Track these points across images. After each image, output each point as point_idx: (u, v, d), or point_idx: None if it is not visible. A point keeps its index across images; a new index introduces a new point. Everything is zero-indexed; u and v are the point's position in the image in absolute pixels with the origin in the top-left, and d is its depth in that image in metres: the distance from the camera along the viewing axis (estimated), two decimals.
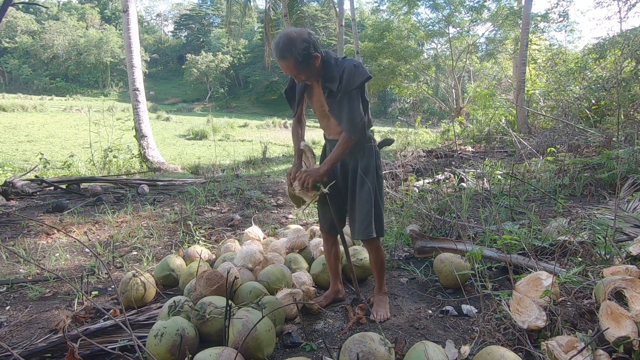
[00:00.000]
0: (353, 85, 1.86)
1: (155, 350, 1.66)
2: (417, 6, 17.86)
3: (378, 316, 2.09)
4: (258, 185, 6.14)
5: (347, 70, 1.86)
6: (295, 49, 1.77)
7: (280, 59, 1.82)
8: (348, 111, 1.89)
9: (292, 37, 1.78)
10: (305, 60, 1.81)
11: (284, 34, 1.81)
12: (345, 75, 1.86)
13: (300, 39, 1.79)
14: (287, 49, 1.78)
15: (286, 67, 1.85)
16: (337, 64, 1.91)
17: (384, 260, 2.22)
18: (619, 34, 10.38)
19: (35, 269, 2.92)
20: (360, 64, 1.90)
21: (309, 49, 1.80)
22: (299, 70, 1.85)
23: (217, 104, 46.54)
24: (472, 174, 5.27)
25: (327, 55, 1.94)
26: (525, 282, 1.87)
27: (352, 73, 1.86)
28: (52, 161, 8.57)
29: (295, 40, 1.78)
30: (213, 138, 19.85)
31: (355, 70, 1.86)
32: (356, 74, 1.85)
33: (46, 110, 27.88)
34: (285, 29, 1.86)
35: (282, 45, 1.78)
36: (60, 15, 52.02)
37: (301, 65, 1.82)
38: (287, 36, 1.79)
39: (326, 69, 1.92)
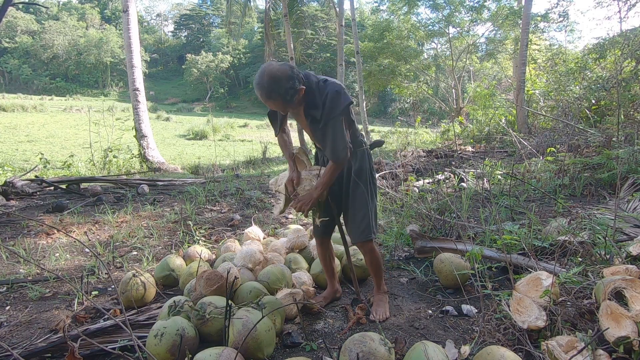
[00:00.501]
0: (336, 113, 1.82)
1: (155, 350, 1.66)
2: (417, 6, 17.86)
3: (377, 316, 2.10)
4: (258, 185, 6.14)
5: (329, 97, 1.82)
6: (281, 89, 1.71)
7: (266, 99, 1.75)
8: (332, 140, 1.86)
9: (277, 76, 1.70)
10: (292, 96, 1.75)
11: (267, 72, 1.71)
12: (328, 102, 1.82)
13: (285, 77, 1.71)
14: (273, 90, 1.71)
15: (273, 106, 1.80)
16: (319, 90, 1.85)
17: (380, 260, 2.22)
18: (619, 34, 10.37)
19: (35, 269, 2.92)
20: (342, 89, 1.85)
21: (295, 85, 1.74)
22: (285, 106, 1.81)
23: (217, 104, 46.55)
24: (472, 174, 5.27)
25: (309, 81, 1.86)
26: (525, 282, 1.87)
27: (334, 100, 1.81)
28: (52, 161, 8.57)
29: (280, 79, 1.70)
30: (213, 138, 19.86)
31: (336, 96, 1.82)
32: (338, 100, 1.81)
33: (46, 110, 27.90)
34: (266, 66, 1.75)
35: (267, 86, 1.71)
36: (60, 15, 52.03)
37: (289, 101, 1.77)
38: (270, 76, 1.70)
39: (309, 96, 1.86)
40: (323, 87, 1.85)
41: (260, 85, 1.72)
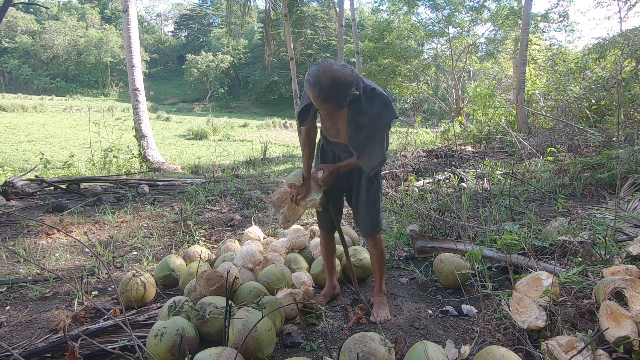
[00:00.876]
0: (381, 124, 1.81)
1: (155, 350, 1.66)
2: (417, 6, 17.86)
3: (379, 317, 2.11)
4: (258, 185, 6.14)
5: (377, 107, 1.79)
6: (341, 94, 1.63)
7: (322, 102, 1.64)
8: (371, 149, 1.87)
9: (341, 81, 1.61)
10: (347, 102, 1.67)
11: (330, 75, 1.60)
12: (376, 112, 1.79)
13: (347, 83, 1.62)
14: (333, 95, 1.62)
15: (325, 107, 1.69)
16: (366, 96, 1.79)
17: (385, 257, 2.26)
18: (619, 34, 10.37)
19: (35, 269, 2.92)
20: (390, 102, 1.82)
21: (354, 92, 1.67)
22: (336, 110, 1.72)
23: (217, 104, 46.55)
24: (472, 174, 5.27)
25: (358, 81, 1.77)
26: (525, 282, 1.87)
27: (382, 111, 1.79)
28: (52, 161, 8.57)
29: (343, 85, 1.62)
30: (213, 138, 19.86)
31: (385, 108, 1.80)
32: (386, 112, 1.80)
33: (46, 110, 27.90)
34: (327, 67, 1.63)
35: (328, 90, 1.61)
36: (60, 15, 52.03)
37: (342, 106, 1.68)
38: (334, 79, 1.60)
39: (355, 101, 1.77)
40: (370, 96, 1.80)
41: (319, 87, 1.61)
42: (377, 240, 2.18)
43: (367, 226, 2.14)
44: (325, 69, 1.63)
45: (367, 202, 2.10)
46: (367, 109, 1.79)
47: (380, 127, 1.83)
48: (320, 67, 1.64)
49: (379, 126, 1.82)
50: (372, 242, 2.19)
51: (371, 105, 1.79)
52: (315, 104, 1.70)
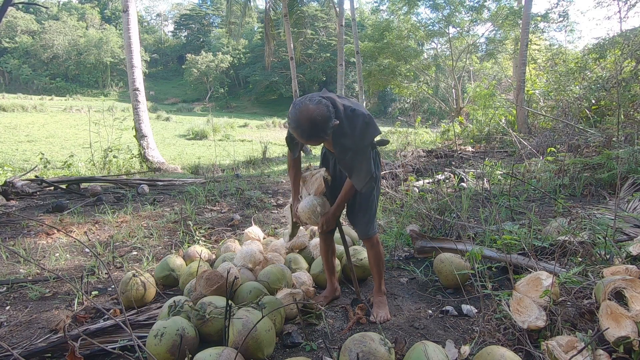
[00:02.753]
0: (365, 144, 1.88)
1: (155, 350, 1.66)
2: (417, 6, 17.86)
3: (379, 318, 2.11)
4: (258, 185, 6.14)
5: (359, 128, 1.85)
6: (322, 131, 1.70)
7: (306, 140, 1.75)
8: (358, 169, 1.91)
9: (317, 121, 1.68)
10: (329, 134, 1.75)
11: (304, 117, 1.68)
12: (358, 132, 1.85)
13: (325, 119, 1.69)
14: (313, 134, 1.71)
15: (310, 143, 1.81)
16: (347, 118, 1.84)
17: (383, 258, 2.26)
18: (619, 34, 10.37)
19: (35, 269, 2.92)
20: (371, 120, 1.88)
21: (332, 124, 1.72)
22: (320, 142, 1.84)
23: (217, 104, 46.53)
24: (472, 174, 5.27)
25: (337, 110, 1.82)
26: (526, 282, 1.87)
27: (364, 131, 1.85)
28: (52, 161, 8.57)
29: (320, 123, 1.69)
30: (213, 138, 19.86)
31: (366, 128, 1.86)
32: (368, 131, 1.87)
33: (46, 110, 27.88)
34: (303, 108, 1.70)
35: (309, 131, 1.69)
36: (60, 15, 51.99)
37: (325, 139, 1.77)
38: (309, 121, 1.68)
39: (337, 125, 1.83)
40: (351, 117, 1.86)
41: (300, 129, 1.70)
42: (374, 242, 2.18)
43: (362, 228, 2.16)
44: (302, 112, 1.70)
45: (362, 203, 2.11)
46: (348, 131, 1.85)
47: (364, 147, 1.89)
48: (298, 110, 1.71)
49: (362, 146, 1.88)
50: (369, 244, 2.20)
51: (353, 127, 1.85)
52: (301, 141, 1.84)
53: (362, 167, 1.91)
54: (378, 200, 2.18)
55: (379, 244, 2.22)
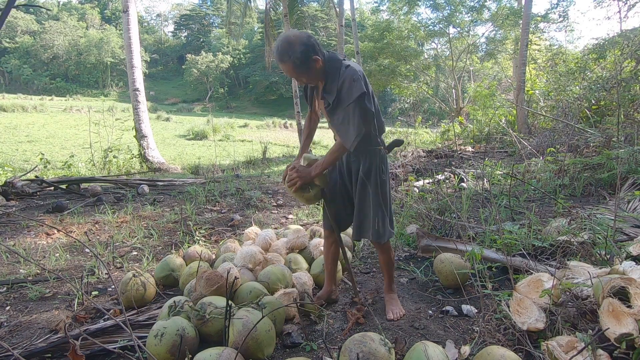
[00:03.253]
0: (349, 100, 1.81)
1: (155, 351, 1.66)
2: (418, 6, 17.87)
3: (393, 315, 2.12)
4: (258, 185, 6.14)
5: (346, 84, 1.81)
6: (293, 52, 1.76)
7: (279, 62, 1.81)
8: (343, 124, 1.86)
9: (291, 40, 1.77)
10: (303, 63, 1.79)
11: (283, 37, 1.80)
12: (343, 89, 1.82)
13: (299, 42, 1.77)
14: (285, 53, 1.77)
15: (286, 69, 1.84)
16: (339, 74, 1.85)
17: (392, 260, 2.23)
18: (618, 34, 10.38)
19: (35, 269, 2.92)
20: (359, 77, 1.82)
21: (308, 52, 1.78)
22: (298, 73, 1.84)
23: (217, 104, 46.54)
24: (472, 174, 5.27)
25: (331, 59, 1.87)
26: (526, 283, 1.87)
27: (349, 88, 1.81)
28: (52, 161, 8.57)
29: (293, 43, 1.76)
30: (213, 138, 19.86)
31: (352, 85, 1.80)
32: (353, 88, 1.80)
33: (46, 110, 27.89)
34: (286, 32, 1.83)
35: (280, 49, 1.78)
36: (61, 15, 52.01)
37: (300, 68, 1.80)
38: (285, 40, 1.78)
39: (328, 77, 1.88)
40: (343, 72, 1.84)
41: (275, 48, 1.80)
42: (382, 248, 2.14)
43: (355, 230, 2.10)
44: (281, 35, 1.82)
45: (358, 206, 2.07)
46: (335, 87, 1.85)
47: (350, 104, 1.81)
48: (280, 35, 1.83)
49: (346, 104, 1.82)
50: (380, 249, 2.16)
51: (341, 84, 1.83)
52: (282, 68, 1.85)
53: (350, 124, 1.82)
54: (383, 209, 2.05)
55: (390, 249, 2.18)
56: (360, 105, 1.82)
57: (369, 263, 2.99)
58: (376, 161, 2.04)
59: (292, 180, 1.95)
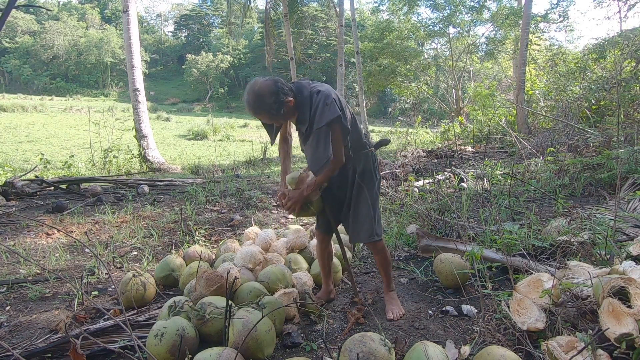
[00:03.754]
0: (320, 124, 1.82)
1: (155, 351, 1.66)
2: (418, 6, 17.87)
3: (393, 315, 2.12)
4: (258, 185, 6.14)
5: (319, 109, 1.82)
6: (265, 105, 1.78)
7: (254, 114, 1.85)
8: (314, 149, 1.86)
9: (260, 93, 1.78)
10: (277, 109, 1.81)
11: (251, 90, 1.81)
12: (316, 115, 1.83)
13: (268, 93, 1.77)
14: (258, 107, 1.80)
15: (262, 119, 1.90)
16: (310, 102, 1.86)
17: (389, 260, 2.24)
18: (618, 34, 10.38)
19: (35, 269, 2.92)
20: (332, 101, 1.82)
21: (279, 98, 1.79)
22: (275, 119, 1.89)
23: (217, 104, 46.52)
24: (472, 174, 5.27)
25: (299, 91, 1.88)
26: (526, 283, 1.87)
27: (321, 112, 1.81)
28: (52, 161, 8.57)
29: (263, 95, 1.78)
30: (213, 138, 19.86)
31: (324, 109, 1.81)
32: (325, 113, 1.81)
33: (46, 110, 27.88)
34: (251, 84, 1.83)
35: (252, 103, 1.80)
36: (61, 15, 52.01)
37: (276, 115, 1.83)
38: (254, 93, 1.79)
39: (299, 109, 1.89)
40: (315, 97, 1.85)
41: (247, 103, 1.82)
42: (377, 249, 2.14)
43: (353, 233, 2.12)
44: (248, 87, 1.83)
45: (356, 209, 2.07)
46: (307, 115, 1.87)
47: (321, 128, 1.82)
48: (248, 85, 1.84)
49: (318, 126, 1.82)
50: (374, 250, 2.17)
51: (314, 109, 1.84)
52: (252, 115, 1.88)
53: (319, 148, 1.82)
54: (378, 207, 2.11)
55: (385, 249, 2.18)
56: (333, 128, 1.84)
57: (369, 263, 2.99)
58: (369, 162, 2.09)
59: (290, 207, 1.97)
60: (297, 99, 1.88)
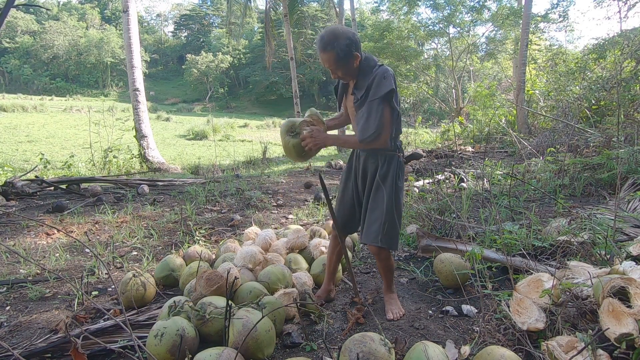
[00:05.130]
0: (375, 96, 1.84)
1: (155, 351, 1.66)
2: (418, 6, 17.87)
3: (393, 315, 2.11)
4: (258, 185, 6.14)
5: (376, 80, 1.85)
6: (338, 43, 1.82)
7: (322, 51, 1.86)
8: (365, 121, 1.87)
9: (337, 32, 1.84)
10: (345, 56, 1.84)
11: (330, 28, 1.87)
12: (373, 85, 1.86)
13: (344, 36, 1.83)
14: (329, 42, 1.83)
15: (326, 59, 1.88)
16: (371, 71, 1.90)
17: (392, 269, 2.20)
18: (618, 34, 10.38)
19: (35, 269, 2.92)
20: (389, 76, 1.86)
21: (351, 47, 1.84)
22: (337, 66, 1.88)
23: (217, 104, 46.52)
24: (472, 174, 5.27)
25: (367, 60, 1.92)
26: (526, 283, 1.87)
27: (379, 84, 1.84)
28: (52, 161, 8.57)
29: (339, 35, 1.83)
30: (213, 138, 19.87)
31: (381, 81, 1.84)
32: (381, 84, 1.84)
33: (46, 110, 27.88)
34: (333, 25, 1.91)
35: (326, 39, 1.83)
36: (61, 15, 52.02)
37: (340, 61, 1.85)
38: (332, 31, 1.85)
39: (361, 75, 1.92)
40: (376, 70, 1.89)
41: (320, 37, 1.86)
42: (380, 256, 2.08)
43: (363, 232, 2.06)
44: (328, 28, 1.89)
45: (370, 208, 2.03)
46: (365, 83, 1.90)
47: (375, 100, 1.85)
48: (326, 28, 1.90)
49: (374, 97, 1.85)
50: (377, 257, 2.11)
51: (372, 80, 1.87)
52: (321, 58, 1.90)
53: (370, 119, 1.85)
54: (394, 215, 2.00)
55: (389, 259, 2.12)
56: (386, 103, 1.87)
57: (369, 263, 2.99)
58: (394, 167, 2.02)
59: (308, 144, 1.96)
60: (362, 64, 1.91)
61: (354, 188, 2.15)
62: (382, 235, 1.98)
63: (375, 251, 2.07)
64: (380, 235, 1.98)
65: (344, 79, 1.98)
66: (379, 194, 2.00)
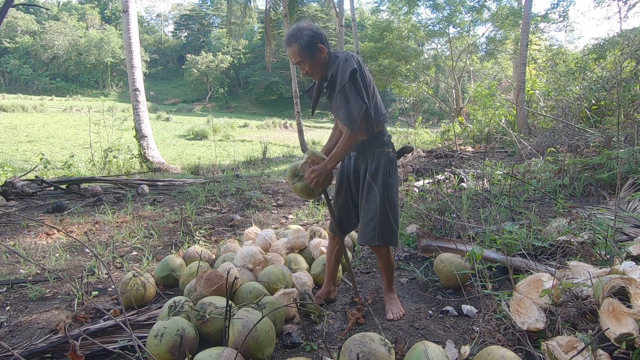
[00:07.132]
0: (344, 81, 1.82)
1: (155, 351, 1.66)
2: (418, 6, 17.87)
3: (393, 315, 2.12)
4: (258, 185, 6.14)
5: (340, 66, 1.84)
6: (301, 35, 1.86)
7: (287, 45, 1.91)
8: (344, 105, 1.83)
9: (301, 26, 1.90)
10: (308, 46, 1.87)
11: (297, 24, 1.93)
12: (339, 72, 1.84)
13: (308, 29, 1.89)
14: (293, 35, 1.89)
15: (291, 52, 1.91)
16: (335, 61, 1.89)
17: (393, 266, 2.21)
18: (618, 34, 10.38)
19: (35, 269, 2.92)
20: (350, 57, 1.85)
21: (314, 38, 1.87)
22: (302, 58, 1.90)
23: (217, 104, 46.54)
24: (472, 174, 5.27)
25: (333, 54, 1.95)
26: (527, 283, 1.87)
27: (343, 69, 1.83)
28: (52, 161, 8.57)
29: (303, 28, 1.89)
30: (213, 138, 19.86)
31: (345, 66, 1.83)
32: (345, 68, 1.82)
33: (46, 110, 27.86)
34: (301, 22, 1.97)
35: (290, 33, 1.91)
36: (61, 15, 52.04)
37: (304, 51, 1.87)
38: (297, 26, 1.92)
39: (330, 67, 1.93)
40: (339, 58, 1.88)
41: (287, 33, 1.93)
42: (380, 253, 2.11)
43: (359, 234, 2.08)
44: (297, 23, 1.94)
45: (364, 208, 2.03)
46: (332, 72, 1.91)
47: (345, 85, 1.82)
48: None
49: (343, 84, 1.82)
50: (377, 254, 2.16)
51: (337, 68, 1.87)
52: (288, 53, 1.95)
53: (349, 103, 1.82)
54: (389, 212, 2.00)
55: (389, 255, 2.14)
56: (355, 83, 1.84)
57: (369, 263, 2.99)
58: (383, 163, 2.00)
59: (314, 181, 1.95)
60: (330, 57, 1.95)
61: (348, 190, 2.15)
62: (377, 233, 1.99)
63: (375, 249, 2.11)
64: (376, 234, 1.99)
65: (312, 74, 1.99)
66: (371, 194, 2.00)
